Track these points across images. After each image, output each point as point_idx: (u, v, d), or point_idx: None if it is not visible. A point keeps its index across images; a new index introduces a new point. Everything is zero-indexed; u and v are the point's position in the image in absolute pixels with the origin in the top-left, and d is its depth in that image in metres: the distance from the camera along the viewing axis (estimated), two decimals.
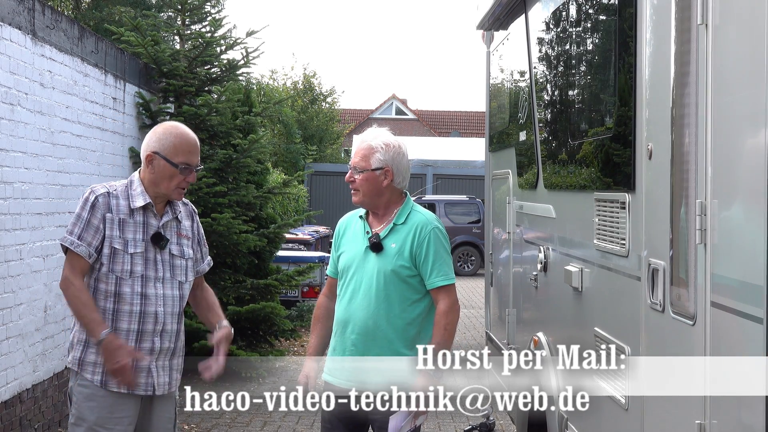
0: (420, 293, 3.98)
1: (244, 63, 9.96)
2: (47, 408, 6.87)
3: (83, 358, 3.74)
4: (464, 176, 28.18)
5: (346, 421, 4.06)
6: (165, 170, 3.80)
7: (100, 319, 3.71)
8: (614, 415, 3.61)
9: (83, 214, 3.72)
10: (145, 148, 3.85)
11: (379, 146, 4.01)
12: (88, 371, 3.72)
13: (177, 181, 3.81)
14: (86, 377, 3.72)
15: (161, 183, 3.81)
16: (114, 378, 3.70)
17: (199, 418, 7.83)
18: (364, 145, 4.04)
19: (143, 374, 3.77)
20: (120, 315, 3.72)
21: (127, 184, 3.84)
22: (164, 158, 3.79)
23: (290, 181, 11.23)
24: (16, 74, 6.32)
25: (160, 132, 3.84)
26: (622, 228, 3.50)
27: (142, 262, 3.76)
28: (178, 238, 3.90)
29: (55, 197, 6.99)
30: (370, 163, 4.00)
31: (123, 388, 3.73)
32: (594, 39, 4.13)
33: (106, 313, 3.72)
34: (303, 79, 36.65)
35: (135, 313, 3.73)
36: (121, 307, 3.72)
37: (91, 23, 19.92)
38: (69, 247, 3.70)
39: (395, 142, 4.05)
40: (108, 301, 3.72)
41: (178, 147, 3.81)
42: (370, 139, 4.04)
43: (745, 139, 2.51)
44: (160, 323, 3.79)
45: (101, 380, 3.71)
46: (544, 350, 4.74)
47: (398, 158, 4.03)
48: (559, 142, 4.69)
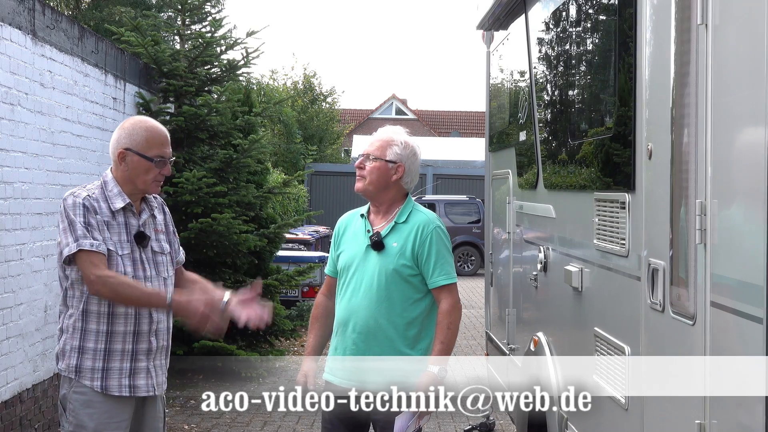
0: (421, 292, 3.98)
1: (244, 63, 9.97)
2: (47, 408, 6.87)
3: (80, 365, 3.69)
4: (464, 176, 28.19)
5: (346, 421, 4.06)
6: (140, 165, 3.74)
7: (154, 289, 3.72)
8: (614, 415, 3.61)
9: (80, 218, 3.65)
10: (115, 145, 3.78)
11: (399, 141, 4.05)
12: (87, 377, 3.68)
13: (153, 175, 3.77)
14: (85, 384, 3.68)
15: (137, 179, 3.76)
16: (201, 330, 3.68)
17: (199, 418, 7.83)
18: (385, 137, 4.07)
19: (143, 375, 3.75)
20: (116, 318, 3.69)
21: (101, 186, 3.77)
22: (137, 153, 3.74)
23: (290, 181, 11.23)
24: (17, 74, 6.32)
25: (129, 127, 3.78)
26: (622, 228, 3.50)
27: (131, 263, 3.73)
28: (156, 234, 3.87)
29: (55, 197, 6.99)
30: (385, 153, 4.03)
31: (124, 390, 3.72)
32: (594, 39, 4.13)
33: (101, 316, 3.70)
34: (303, 79, 36.66)
35: (130, 314, 3.71)
36: (116, 309, 3.69)
37: (91, 23, 19.91)
38: (90, 249, 3.61)
39: (413, 143, 4.11)
40: (103, 304, 3.69)
41: (150, 140, 3.76)
42: (392, 133, 4.09)
43: (745, 139, 2.51)
44: (155, 322, 3.77)
45: (101, 385, 3.68)
46: (545, 350, 4.74)
47: (412, 158, 4.07)
48: (559, 142, 4.70)
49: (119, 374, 3.70)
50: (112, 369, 3.69)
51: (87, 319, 3.70)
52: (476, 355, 10.79)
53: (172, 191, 8.88)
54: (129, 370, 3.72)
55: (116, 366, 3.70)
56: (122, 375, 3.70)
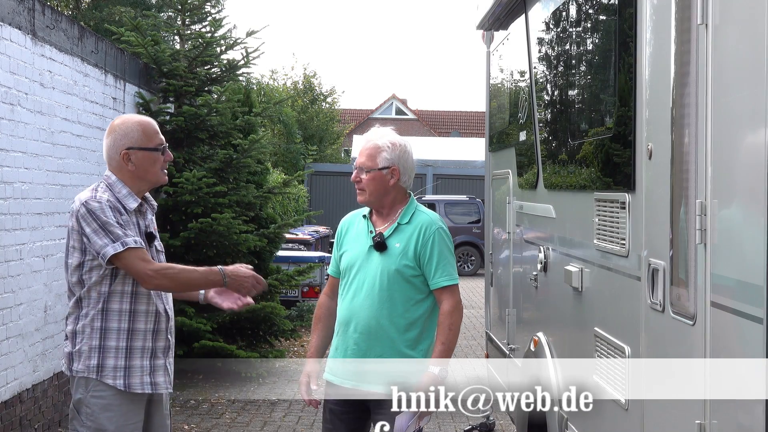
0: (423, 293, 3.98)
1: (244, 63, 9.96)
2: (47, 408, 6.87)
3: (102, 364, 3.68)
4: (464, 176, 28.17)
5: (347, 420, 4.06)
6: (147, 159, 3.78)
7: (206, 268, 3.83)
8: (614, 416, 3.61)
9: (111, 219, 3.65)
10: (114, 149, 3.79)
11: (386, 145, 4.00)
12: (109, 376, 3.68)
13: (160, 164, 3.83)
14: (107, 383, 3.68)
15: (147, 173, 3.80)
16: (252, 293, 3.87)
17: (199, 418, 7.83)
18: (370, 145, 4.03)
19: (161, 372, 3.79)
20: (137, 315, 3.73)
21: (107, 189, 3.78)
22: (141, 149, 3.77)
23: (290, 181, 11.23)
24: (16, 74, 6.32)
25: (120, 128, 3.80)
26: (622, 228, 3.50)
27: None
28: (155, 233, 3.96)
29: (55, 197, 6.99)
30: (376, 162, 3.99)
31: (147, 388, 3.74)
32: (594, 39, 4.13)
33: (122, 314, 3.71)
34: (303, 79, 36.65)
35: (151, 312, 3.76)
36: (138, 307, 3.73)
37: (91, 23, 19.91)
38: (136, 246, 3.64)
39: (401, 141, 4.05)
40: (124, 302, 3.72)
41: (146, 132, 3.80)
42: (376, 139, 4.03)
43: (745, 139, 2.51)
44: (171, 320, 3.86)
45: (124, 383, 3.69)
46: (545, 350, 4.74)
47: (404, 157, 4.04)
48: (559, 142, 4.70)
49: (141, 372, 3.73)
50: (133, 367, 3.72)
51: (108, 317, 3.70)
52: (476, 355, 10.79)
53: (172, 191, 8.88)
54: (150, 368, 3.75)
55: (137, 364, 3.73)
56: (143, 372, 3.74)
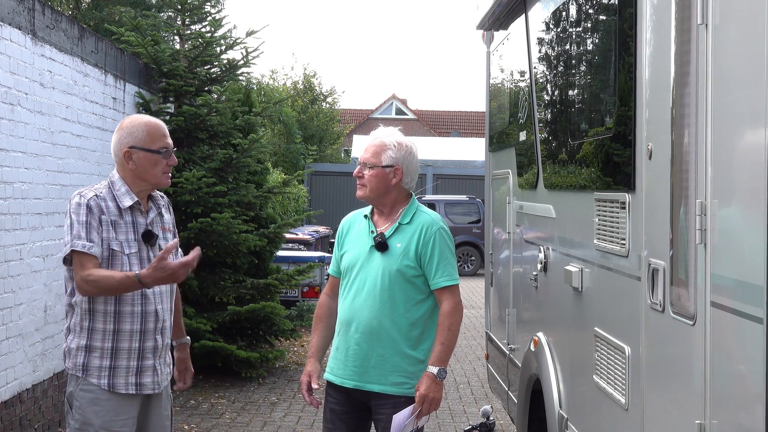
0: (424, 293, 3.98)
1: (244, 63, 9.97)
2: (47, 408, 6.87)
3: (87, 364, 3.72)
4: (464, 176, 28.19)
5: (348, 420, 4.06)
6: (147, 160, 3.79)
7: (122, 273, 3.65)
8: (614, 415, 3.61)
9: (81, 218, 3.67)
10: (118, 146, 3.81)
11: (392, 144, 4.02)
12: (94, 376, 3.71)
13: (161, 167, 3.82)
14: (92, 382, 3.71)
15: (147, 174, 3.80)
16: (182, 279, 3.70)
17: (199, 418, 7.83)
18: (377, 142, 4.04)
19: (149, 373, 3.79)
20: (122, 316, 3.72)
21: (108, 186, 3.80)
22: (142, 149, 3.78)
23: (290, 181, 11.23)
24: (16, 74, 6.32)
25: (128, 126, 3.82)
26: (622, 228, 3.50)
27: (137, 262, 3.76)
28: (163, 233, 3.93)
29: (55, 197, 6.99)
30: (381, 159, 4.01)
31: (131, 388, 3.74)
32: (594, 39, 4.13)
33: (107, 315, 3.71)
34: (303, 79, 36.67)
35: (137, 313, 3.74)
36: (122, 308, 3.72)
37: (91, 23, 19.91)
38: (83, 250, 3.63)
39: (407, 142, 4.07)
40: (108, 303, 3.71)
41: (152, 134, 3.81)
42: (384, 137, 4.05)
43: (745, 139, 2.51)
44: (161, 321, 3.81)
45: (108, 383, 3.71)
46: (545, 350, 4.74)
47: (409, 158, 4.05)
48: (559, 142, 4.70)
49: (126, 372, 3.74)
50: (119, 367, 3.73)
51: (93, 318, 3.72)
52: (476, 355, 10.79)
53: (172, 191, 8.88)
54: (136, 368, 3.75)
55: (123, 364, 3.73)
56: (129, 373, 3.74)
